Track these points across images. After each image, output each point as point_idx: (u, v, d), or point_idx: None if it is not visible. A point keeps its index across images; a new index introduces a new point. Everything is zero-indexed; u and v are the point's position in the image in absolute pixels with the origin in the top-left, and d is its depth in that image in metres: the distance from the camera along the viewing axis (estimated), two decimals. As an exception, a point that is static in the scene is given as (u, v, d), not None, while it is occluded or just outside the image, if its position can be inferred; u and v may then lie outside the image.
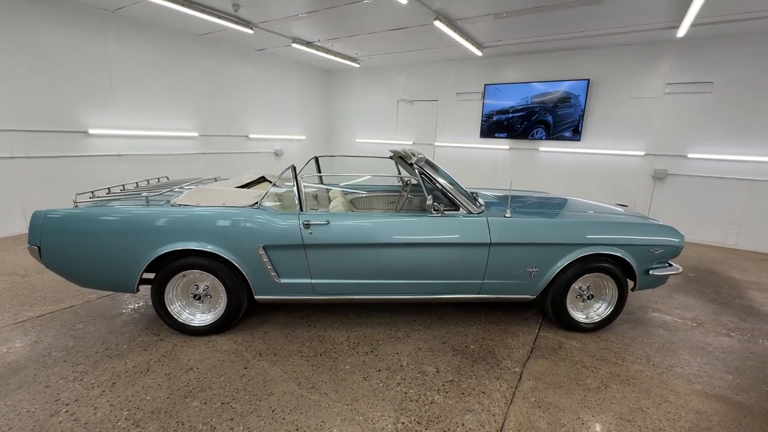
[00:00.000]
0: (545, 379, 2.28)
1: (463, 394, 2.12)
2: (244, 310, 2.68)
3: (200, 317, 2.62)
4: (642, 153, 5.88)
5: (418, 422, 1.90)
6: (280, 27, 5.59)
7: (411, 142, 8.17)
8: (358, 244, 2.52)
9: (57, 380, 2.12)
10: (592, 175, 6.34)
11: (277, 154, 8.04)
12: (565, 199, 3.57)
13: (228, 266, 2.50)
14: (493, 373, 2.33)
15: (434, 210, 2.62)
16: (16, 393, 2.00)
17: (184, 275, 2.53)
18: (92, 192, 2.80)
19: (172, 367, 2.26)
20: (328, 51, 6.84)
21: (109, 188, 2.99)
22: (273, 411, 1.94)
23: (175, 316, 2.57)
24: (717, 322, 3.12)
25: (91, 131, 5.16)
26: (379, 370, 2.31)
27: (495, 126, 7.00)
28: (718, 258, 4.89)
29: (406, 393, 2.11)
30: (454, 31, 5.17)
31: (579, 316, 2.85)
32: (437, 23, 4.81)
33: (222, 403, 1.98)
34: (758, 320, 3.18)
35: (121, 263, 2.43)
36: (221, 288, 2.56)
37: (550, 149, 6.63)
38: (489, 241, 2.59)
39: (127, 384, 2.10)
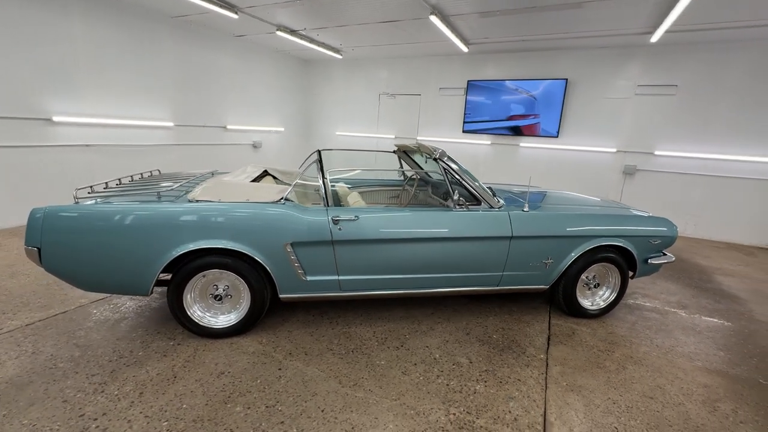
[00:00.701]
0: (569, 364, 2.42)
1: (500, 382, 2.20)
2: (266, 310, 2.58)
3: (223, 318, 2.49)
4: (614, 150, 6.30)
5: (468, 412, 1.95)
6: (266, 13, 5.34)
7: (393, 136, 8.18)
8: (386, 240, 2.51)
9: (74, 393, 1.93)
10: (569, 170, 6.71)
11: (255, 146, 7.72)
12: (564, 193, 3.77)
13: (252, 264, 2.40)
14: (521, 360, 2.43)
15: (458, 205, 2.67)
16: (30, 411, 1.81)
17: (203, 275, 2.39)
18: (91, 187, 2.56)
19: (201, 373, 2.14)
20: (312, 40, 6.64)
21: (106, 183, 2.74)
22: (322, 411, 1.91)
23: (197, 320, 2.42)
24: (698, 304, 3.46)
25: (55, 119, 4.67)
26: (415, 364, 2.33)
27: (476, 125, 7.19)
28: (683, 246, 5.38)
29: (447, 385, 2.15)
30: (447, 26, 5.22)
31: (586, 303, 3.04)
32: (432, 18, 4.82)
33: (267, 407, 1.91)
34: (730, 301, 3.56)
35: (137, 264, 2.25)
36: (243, 287, 2.45)
37: (530, 145, 6.92)
38: (510, 235, 2.68)
39: (157, 393, 1.97)
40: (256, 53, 7.37)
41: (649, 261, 3.02)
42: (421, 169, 4.07)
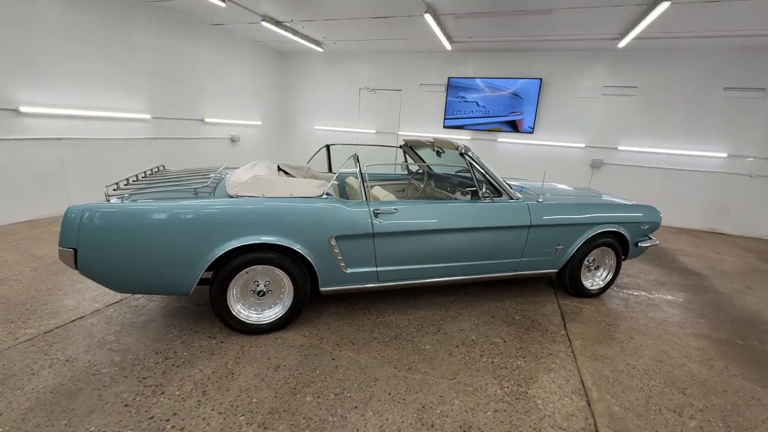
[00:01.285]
0: (587, 338, 2.71)
1: (536, 357, 2.43)
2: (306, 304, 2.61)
3: (267, 314, 2.48)
4: (583, 145, 6.86)
5: (518, 385, 2.14)
6: (253, 2, 5.18)
7: (374, 131, 8.26)
8: (422, 231, 2.64)
9: (133, 397, 1.87)
10: (543, 164, 7.20)
11: (233, 140, 7.45)
12: (556, 185, 4.10)
13: (294, 259, 2.42)
14: (547, 337, 2.68)
15: (484, 197, 2.85)
16: (92, 418, 1.73)
17: (246, 272, 2.37)
18: (116, 183, 2.43)
19: (257, 367, 2.15)
20: (295, 32, 6.52)
21: (127, 179, 2.60)
22: (389, 394, 2.01)
23: (243, 318, 2.41)
24: (672, 281, 3.95)
25: (23, 109, 4.23)
26: (457, 346, 2.49)
27: (457, 120, 7.47)
28: (645, 232, 6.03)
29: (492, 362, 2.34)
30: (438, 25, 5.38)
31: (587, 284, 3.37)
32: (427, 16, 4.96)
33: (335, 395, 1.98)
34: (696, 278, 4.10)
35: (181, 262, 2.19)
36: (285, 282, 2.46)
37: (507, 140, 7.33)
38: (529, 224, 2.92)
39: (220, 390, 1.96)
40: (232, 44, 7.08)
41: (638, 244, 3.40)
42: (424, 162, 4.23)
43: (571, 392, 2.11)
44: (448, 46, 6.58)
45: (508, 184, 3.17)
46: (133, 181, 2.71)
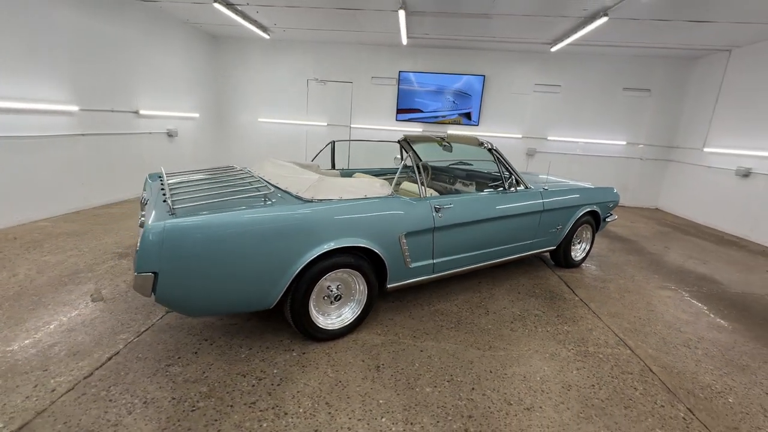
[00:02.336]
0: (595, 300, 3.27)
1: (574, 321, 2.87)
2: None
3: (343, 317, 2.44)
4: (520, 136, 7.78)
5: (578, 345, 2.53)
6: (212, -18, 4.65)
7: (325, 123, 8.08)
8: (471, 222, 2.86)
9: (259, 424, 1.73)
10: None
11: (171, 135, 6.57)
12: (535, 175, 4.68)
13: (367, 259, 2.42)
14: (569, 304, 3.15)
15: (510, 187, 3.18)
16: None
17: (325, 278, 2.29)
18: (164, 194, 2.10)
19: (357, 371, 2.14)
20: (245, 17, 5.99)
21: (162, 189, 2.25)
22: (491, 372, 2.21)
23: (322, 325, 2.33)
24: (620, 248, 4.87)
25: None
26: (512, 322, 2.79)
27: (409, 113, 7.77)
28: (575, 209, 7.18)
29: (547, 331, 2.70)
30: (406, 21, 5.53)
31: (574, 255, 4.00)
32: (401, 12, 5.07)
33: (448, 381, 2.10)
34: (630, 243, 5.12)
35: (267, 275, 2.03)
36: (358, 283, 2.45)
37: (456, 132, 7.89)
38: (542, 209, 3.35)
39: (341, 399, 1.92)
40: (162, 25, 6.17)
41: (606, 219, 4.14)
42: (419, 158, 4.43)
43: (615, 344, 2.58)
44: (405, 41, 6.78)
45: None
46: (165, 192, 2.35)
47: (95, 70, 4.98)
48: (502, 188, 3.22)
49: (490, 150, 3.14)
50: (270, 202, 2.14)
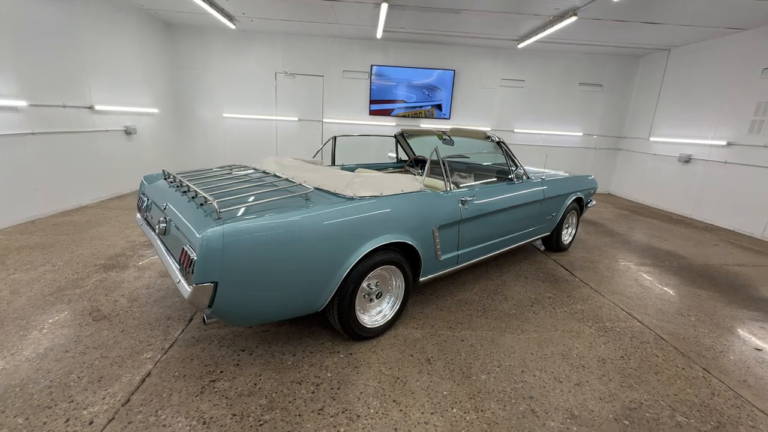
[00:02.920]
0: (593, 280, 3.54)
1: (583, 300, 3.09)
2: (405, 297, 2.62)
3: (383, 314, 2.41)
4: (489, 128, 8.11)
5: (595, 322, 2.74)
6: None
7: (296, 118, 7.81)
8: (491, 212, 2.96)
9: (338, 430, 1.68)
10: (459, 146, 8.18)
11: (129, 132, 5.97)
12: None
13: (404, 254, 2.42)
14: (573, 285, 3.39)
15: (518, 178, 3.34)
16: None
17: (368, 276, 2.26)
18: (204, 198, 1.93)
19: (411, 366, 2.14)
20: (212, 4, 5.59)
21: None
22: (533, 354, 2.32)
23: (368, 325, 2.29)
24: (592, 230, 5.30)
25: None
26: (532, 305, 2.95)
27: (382, 107, 7.76)
28: (543, 196, 7.67)
29: (564, 311, 2.88)
30: (385, 15, 5.49)
31: (564, 239, 4.28)
32: (384, 5, 5.03)
33: (499, 367, 2.18)
34: (600, 226, 5.59)
35: (319, 277, 1.96)
36: (396, 279, 2.44)
37: (428, 126, 8.02)
38: (543, 197, 3.55)
39: (406, 395, 1.92)
40: (112, 10, 5.55)
41: (587, 205, 4.48)
42: (413, 153, 4.49)
43: (625, 318, 2.83)
44: (380, 35, 6.74)
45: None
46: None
47: (43, 61, 4.38)
48: (507, 179, 3.36)
49: (498, 143, 3.25)
50: (311, 202, 2.06)
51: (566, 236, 4.35)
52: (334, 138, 3.81)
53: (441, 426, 1.74)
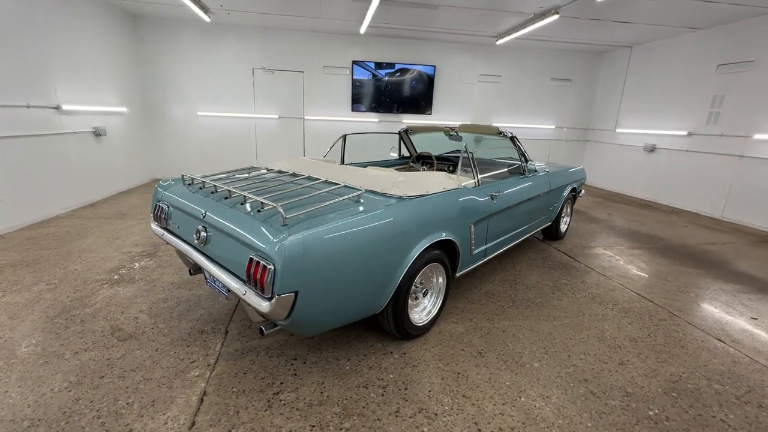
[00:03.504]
0: (596, 264, 3.77)
1: (595, 284, 3.29)
2: (443, 293, 2.65)
3: (429, 311, 2.43)
4: (469, 122, 8.30)
5: (614, 304, 2.93)
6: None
7: (277, 116, 7.56)
8: (513, 205, 3.06)
9: (422, 431, 1.68)
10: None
11: (98, 134, 5.49)
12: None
13: (445, 251, 2.45)
14: (581, 271, 3.59)
15: (529, 172, 3.47)
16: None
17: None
18: (261, 203, 1.84)
19: (465, 360, 2.18)
20: (189, -5, 5.25)
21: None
22: (572, 338, 2.44)
23: (418, 323, 2.30)
24: (578, 218, 5.62)
25: None
26: (553, 293, 3.09)
27: (364, 103, 7.71)
28: (523, 187, 8.01)
29: (584, 296, 3.05)
30: (375, 10, 5.43)
31: (561, 228, 4.52)
32: (375, 0, 4.98)
33: (545, 353, 2.28)
34: (583, 213, 5.94)
35: (381, 279, 1.94)
36: (438, 276, 2.47)
37: (410, 121, 8.08)
38: (549, 189, 3.72)
39: (472, 389, 1.96)
40: (72, 2, 5.06)
41: (579, 195, 4.75)
42: (414, 149, 4.53)
43: (638, 299, 3.05)
44: (363, 30, 6.66)
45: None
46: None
47: (2, 56, 3.91)
48: (519, 173, 3.48)
49: (511, 138, 3.36)
50: (362, 203, 2.03)
51: (563, 225, 4.58)
52: (344, 136, 3.73)
53: (516, 415, 1.79)
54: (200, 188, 2.33)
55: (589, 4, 5.12)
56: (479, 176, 2.83)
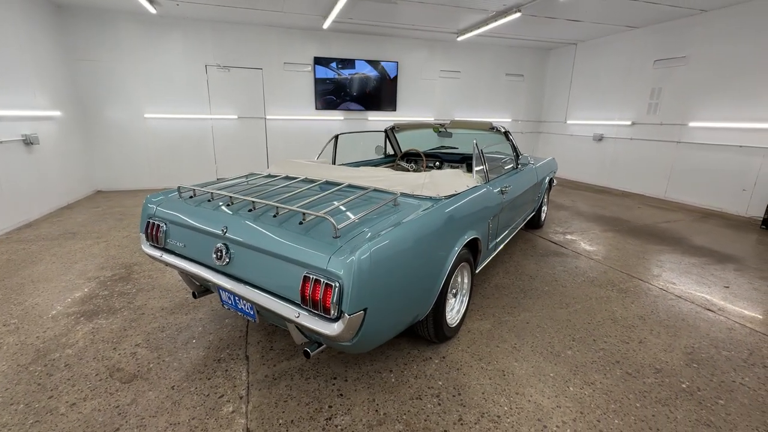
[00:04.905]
0: (580, 249, 4.00)
1: (589, 269, 3.48)
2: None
3: (457, 310, 2.40)
4: (432, 118, 8.42)
5: (613, 285, 3.12)
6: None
7: (235, 116, 7.07)
8: (514, 198, 3.12)
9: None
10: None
11: (29, 142, 4.72)
12: None
13: (469, 249, 2.44)
14: (571, 257, 3.78)
15: (521, 165, 3.57)
16: (501, 473, 1.48)
17: (448, 275, 2.21)
18: (303, 214, 1.66)
19: (503, 357, 2.19)
20: (134, -16, 4.68)
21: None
22: (589, 323, 2.55)
23: (452, 324, 2.25)
24: (552, 207, 5.94)
25: None
26: (555, 280, 3.22)
27: (328, 101, 7.48)
28: (488, 179, 8.30)
29: (584, 281, 3.22)
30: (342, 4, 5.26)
31: (542, 217, 4.74)
32: (345, -6, 4.81)
33: (572, 340, 2.35)
34: (552, 203, 6.30)
35: (428, 283, 1.87)
36: (464, 274, 2.44)
37: (376, 118, 8.00)
38: (536, 180, 3.87)
39: (520, 385, 1.96)
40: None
41: (552, 185, 5.01)
42: (399, 148, 4.48)
43: (629, 279, 3.28)
44: (327, 26, 6.42)
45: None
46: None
47: None
48: (512, 166, 3.57)
49: (504, 133, 3.43)
50: (400, 206, 1.93)
51: (543, 214, 4.81)
52: (336, 137, 3.57)
53: (572, 405, 1.83)
54: (208, 201, 2.07)
55: (550, 3, 5.39)
56: (489, 174, 2.86)
